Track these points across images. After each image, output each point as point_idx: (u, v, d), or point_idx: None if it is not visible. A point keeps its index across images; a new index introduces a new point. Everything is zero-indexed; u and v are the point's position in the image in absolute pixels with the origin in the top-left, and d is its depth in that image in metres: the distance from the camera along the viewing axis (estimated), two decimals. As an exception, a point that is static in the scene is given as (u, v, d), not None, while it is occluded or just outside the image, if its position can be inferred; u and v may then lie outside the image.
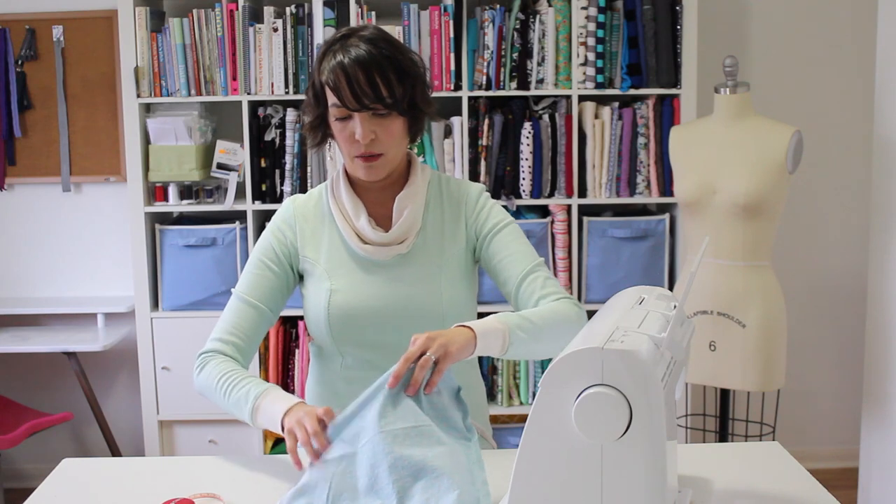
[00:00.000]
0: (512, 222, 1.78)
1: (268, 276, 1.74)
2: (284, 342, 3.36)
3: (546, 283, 1.71)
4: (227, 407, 1.64)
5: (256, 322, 1.72)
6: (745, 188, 2.73)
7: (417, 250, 1.73)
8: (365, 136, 1.63)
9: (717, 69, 3.05)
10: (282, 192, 3.28)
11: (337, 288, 1.71)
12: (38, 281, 3.69)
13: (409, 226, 1.73)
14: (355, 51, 1.62)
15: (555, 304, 1.67)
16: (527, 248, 1.75)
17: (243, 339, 1.71)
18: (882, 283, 2.96)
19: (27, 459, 3.73)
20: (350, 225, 1.73)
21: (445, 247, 1.75)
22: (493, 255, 1.75)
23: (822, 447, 3.77)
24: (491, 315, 1.58)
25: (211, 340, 1.71)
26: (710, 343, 2.87)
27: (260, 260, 1.76)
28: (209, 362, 1.68)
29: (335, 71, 1.62)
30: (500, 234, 1.75)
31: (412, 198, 1.74)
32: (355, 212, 1.73)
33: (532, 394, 3.34)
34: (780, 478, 1.55)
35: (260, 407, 1.57)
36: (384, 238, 1.71)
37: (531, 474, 1.21)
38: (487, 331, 1.54)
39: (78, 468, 1.67)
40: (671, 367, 1.26)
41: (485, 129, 3.23)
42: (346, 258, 1.74)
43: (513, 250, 1.74)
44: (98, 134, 3.58)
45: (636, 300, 1.41)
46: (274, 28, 3.21)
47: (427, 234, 1.75)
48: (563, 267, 3.30)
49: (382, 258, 1.72)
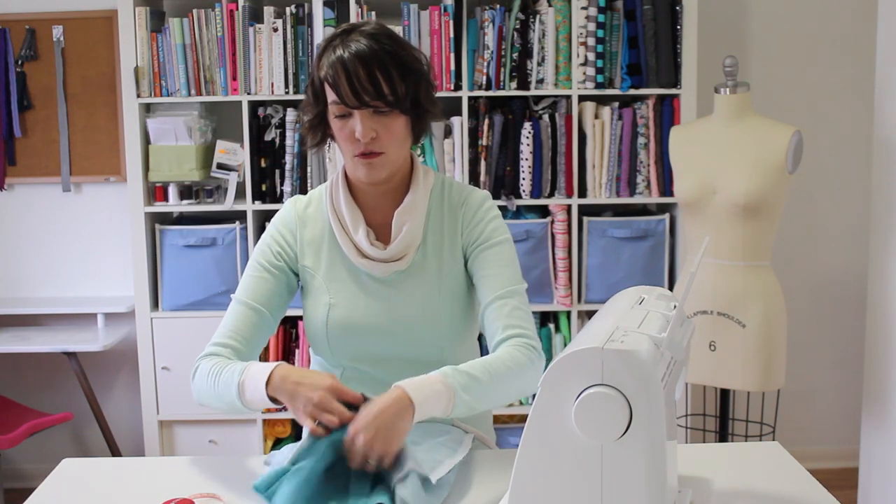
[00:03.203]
0: (504, 241, 1.70)
1: (267, 278, 1.69)
2: (284, 342, 3.36)
3: (513, 312, 1.62)
4: (220, 401, 1.57)
5: (256, 325, 1.66)
6: (744, 188, 2.73)
7: (416, 267, 1.69)
8: (365, 135, 1.57)
9: (717, 69, 3.05)
10: (282, 192, 3.28)
11: (335, 302, 1.68)
12: (38, 281, 3.69)
13: (408, 243, 1.67)
14: (356, 45, 1.56)
15: (507, 354, 1.58)
16: (508, 272, 1.67)
17: (241, 343, 1.64)
18: (882, 283, 2.96)
19: (27, 459, 3.73)
20: (348, 237, 1.68)
21: (444, 262, 1.70)
22: (477, 270, 1.69)
23: (822, 447, 3.77)
24: (436, 372, 1.50)
25: (208, 346, 1.65)
26: (710, 343, 2.87)
27: (259, 263, 1.71)
28: (202, 364, 1.62)
29: (334, 66, 1.56)
30: (487, 251, 1.68)
31: (411, 211, 1.67)
32: (354, 223, 1.68)
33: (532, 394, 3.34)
34: (780, 478, 1.55)
35: (245, 382, 1.52)
36: (382, 255, 1.66)
37: (531, 474, 1.21)
38: (429, 397, 1.46)
39: (78, 468, 1.67)
40: (671, 367, 1.26)
41: (485, 129, 3.23)
42: (345, 271, 1.70)
43: (494, 271, 1.66)
44: (98, 134, 3.58)
45: (636, 300, 1.41)
46: (274, 28, 3.21)
47: (427, 248, 1.70)
48: (563, 267, 3.30)
49: (380, 274, 1.67)
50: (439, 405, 1.47)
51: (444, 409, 1.48)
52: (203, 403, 1.64)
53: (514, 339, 1.61)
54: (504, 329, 1.62)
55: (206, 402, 1.63)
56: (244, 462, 1.65)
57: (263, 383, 1.50)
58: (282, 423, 3.39)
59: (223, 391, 1.56)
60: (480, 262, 1.68)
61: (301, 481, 1.38)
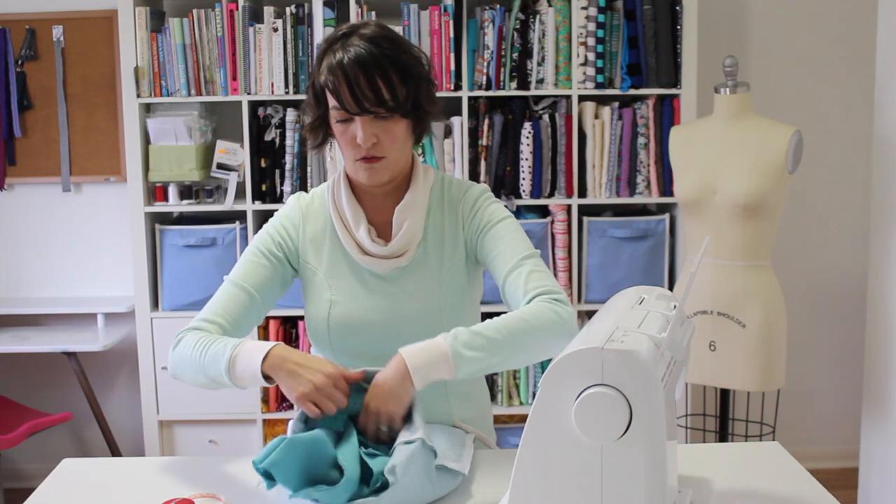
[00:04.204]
0: (506, 218, 1.70)
1: (265, 265, 1.69)
2: (284, 342, 3.35)
3: (530, 276, 1.61)
4: (202, 373, 1.55)
5: (246, 306, 1.65)
6: (744, 188, 2.73)
7: (417, 263, 1.69)
8: (366, 140, 1.58)
9: (717, 69, 3.05)
10: (282, 193, 3.28)
11: (337, 299, 1.69)
12: (38, 281, 3.69)
13: (409, 239, 1.68)
14: (355, 50, 1.56)
15: (526, 309, 1.56)
16: (516, 242, 1.66)
17: (229, 323, 1.63)
18: (882, 283, 2.96)
19: (27, 459, 3.73)
20: (350, 234, 1.69)
21: (446, 256, 1.70)
22: (486, 253, 1.69)
23: (822, 447, 3.77)
24: (439, 336, 1.50)
25: (194, 321, 1.64)
26: (710, 343, 2.87)
27: (258, 249, 1.71)
28: (186, 336, 1.60)
29: (335, 72, 1.57)
30: (491, 231, 1.68)
31: (412, 209, 1.68)
32: (355, 220, 1.69)
33: (532, 394, 3.35)
34: (780, 478, 1.55)
35: (238, 355, 1.52)
36: (383, 251, 1.67)
37: (531, 474, 1.21)
38: (427, 360, 1.47)
39: (78, 468, 1.67)
40: (671, 367, 1.26)
41: (485, 129, 3.23)
42: (346, 268, 1.70)
43: (502, 247, 1.66)
44: (98, 134, 3.58)
45: (636, 300, 1.41)
46: (274, 28, 3.21)
47: (428, 244, 1.71)
48: (563, 267, 3.30)
49: (381, 270, 1.68)
50: (441, 367, 1.47)
51: (448, 370, 1.48)
52: (178, 375, 1.62)
53: (538, 298, 1.58)
54: (525, 293, 1.60)
55: (183, 374, 1.61)
56: (244, 462, 1.65)
57: (260, 359, 1.50)
58: (282, 422, 3.39)
59: (209, 364, 1.54)
60: (487, 244, 1.68)
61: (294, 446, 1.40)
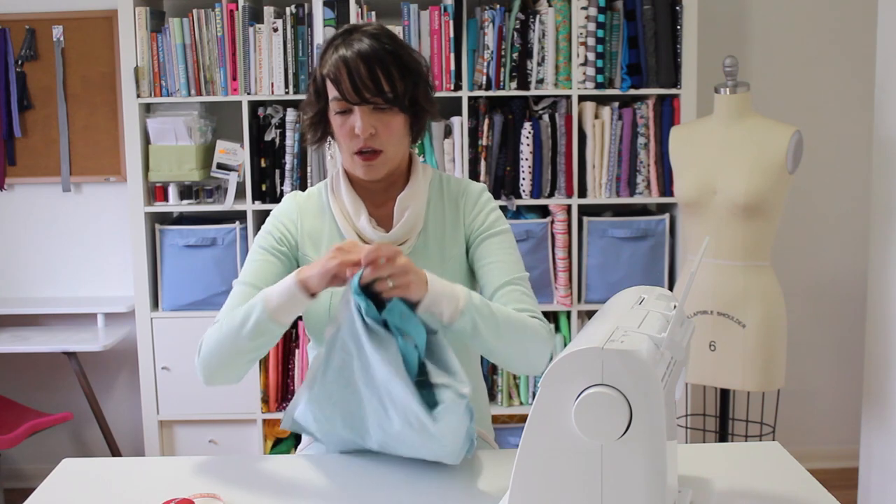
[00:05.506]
0: (506, 231, 1.75)
1: (272, 261, 1.71)
2: (284, 342, 3.36)
3: (522, 297, 1.67)
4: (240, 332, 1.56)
5: None
6: (744, 188, 2.73)
7: (418, 252, 1.72)
8: (364, 130, 1.62)
9: (717, 69, 3.05)
10: (282, 192, 3.28)
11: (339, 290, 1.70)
12: (38, 281, 3.69)
13: (411, 227, 1.71)
14: (358, 44, 1.62)
15: (524, 316, 1.63)
16: (513, 260, 1.72)
17: None
18: (882, 283, 2.96)
19: (27, 459, 3.73)
20: (350, 224, 1.72)
21: (446, 248, 1.73)
22: (480, 258, 1.73)
23: (822, 447, 3.77)
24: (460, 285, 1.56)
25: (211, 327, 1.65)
26: (710, 343, 2.87)
27: (262, 248, 1.73)
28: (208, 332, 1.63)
29: (337, 64, 1.62)
30: (490, 239, 1.73)
31: (414, 198, 1.72)
32: (356, 211, 1.72)
33: (532, 394, 3.35)
34: (780, 478, 1.55)
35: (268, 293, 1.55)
36: (385, 239, 1.69)
37: (531, 474, 1.21)
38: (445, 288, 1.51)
39: (78, 468, 1.67)
40: (671, 367, 1.26)
41: (485, 129, 3.23)
42: None
43: (499, 258, 1.71)
44: (98, 134, 3.58)
45: (636, 300, 1.41)
46: (274, 28, 3.21)
47: (428, 235, 1.73)
48: (563, 267, 3.30)
49: None
50: (449, 304, 1.51)
51: (452, 310, 1.51)
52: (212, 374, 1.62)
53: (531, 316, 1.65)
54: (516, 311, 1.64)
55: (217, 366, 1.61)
56: (244, 462, 1.66)
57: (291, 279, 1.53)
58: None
59: (244, 320, 1.55)
60: (484, 251, 1.72)
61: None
